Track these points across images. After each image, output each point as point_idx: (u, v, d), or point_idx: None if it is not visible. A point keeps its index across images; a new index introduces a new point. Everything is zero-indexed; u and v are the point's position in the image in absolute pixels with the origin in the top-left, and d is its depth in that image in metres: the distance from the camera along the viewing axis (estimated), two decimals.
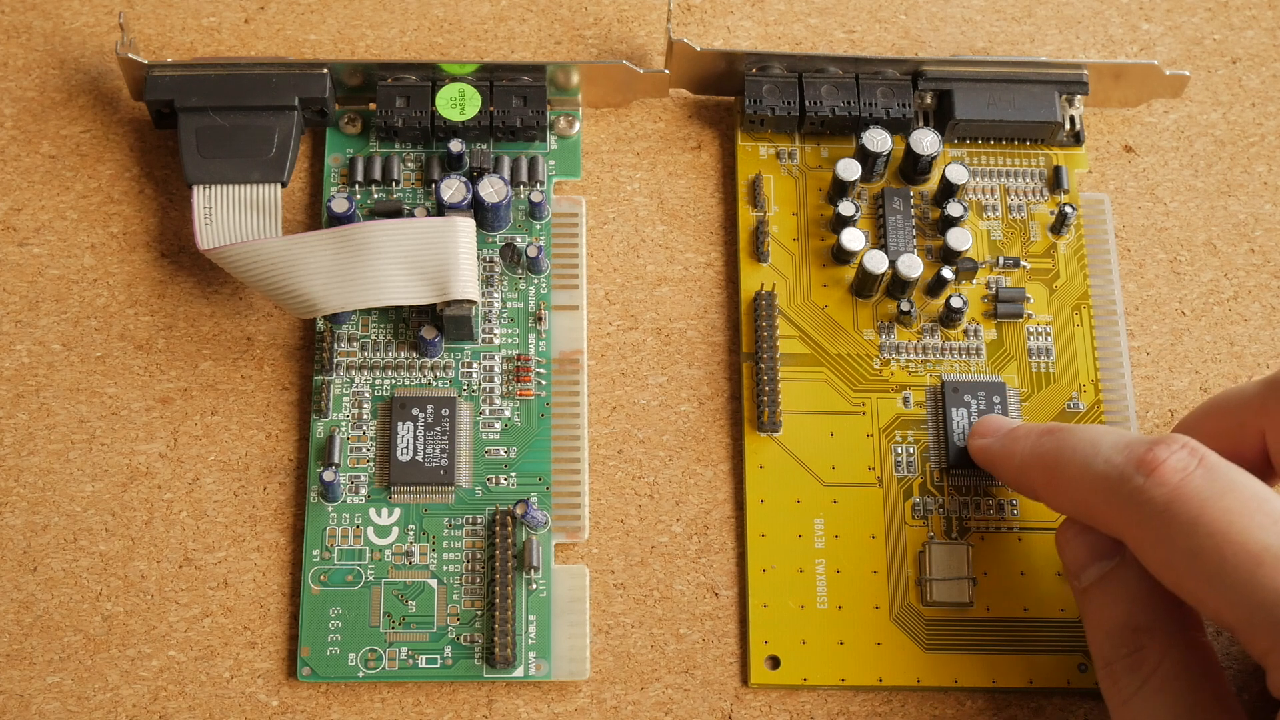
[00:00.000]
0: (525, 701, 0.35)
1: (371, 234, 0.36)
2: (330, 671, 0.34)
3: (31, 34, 0.41)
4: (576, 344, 0.38)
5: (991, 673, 0.35)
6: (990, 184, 0.40)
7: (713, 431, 0.37)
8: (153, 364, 0.38)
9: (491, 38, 0.42)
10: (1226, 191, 0.41)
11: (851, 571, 0.35)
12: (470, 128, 0.39)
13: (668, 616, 0.36)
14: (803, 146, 0.40)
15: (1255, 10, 0.43)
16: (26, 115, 0.40)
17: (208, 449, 0.37)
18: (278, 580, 0.36)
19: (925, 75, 0.39)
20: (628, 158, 0.40)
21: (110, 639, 0.35)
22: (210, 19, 0.42)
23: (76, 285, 0.38)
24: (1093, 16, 0.43)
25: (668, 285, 0.39)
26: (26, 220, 0.39)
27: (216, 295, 0.38)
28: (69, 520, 0.36)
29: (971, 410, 0.37)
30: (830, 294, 0.38)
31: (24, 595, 0.35)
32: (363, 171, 0.39)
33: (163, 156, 0.40)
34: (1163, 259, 0.40)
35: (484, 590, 0.35)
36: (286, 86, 0.38)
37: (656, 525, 0.37)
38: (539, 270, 0.38)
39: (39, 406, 0.37)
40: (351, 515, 0.36)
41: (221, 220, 0.37)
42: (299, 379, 0.38)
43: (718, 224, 0.40)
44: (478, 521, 0.36)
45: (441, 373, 0.37)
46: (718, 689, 0.35)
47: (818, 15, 0.43)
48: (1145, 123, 0.42)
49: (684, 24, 0.42)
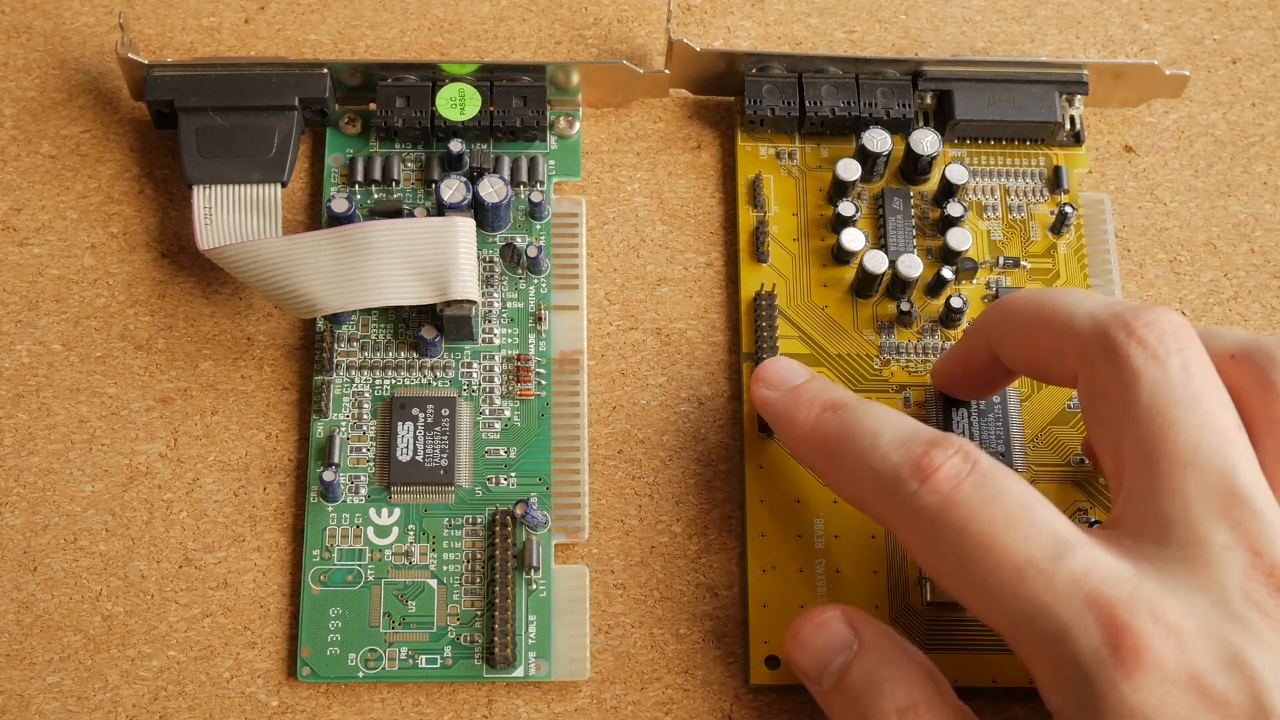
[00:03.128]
0: (525, 701, 0.35)
1: (371, 234, 0.36)
2: (330, 671, 0.34)
3: (31, 34, 0.41)
4: (576, 344, 0.38)
5: (991, 673, 0.35)
6: (990, 184, 0.40)
7: (713, 431, 0.37)
8: (153, 364, 0.38)
9: (491, 38, 0.42)
10: (1226, 191, 0.41)
11: (851, 571, 0.35)
12: (470, 128, 0.39)
13: (668, 616, 0.36)
14: (803, 146, 0.40)
15: (1255, 10, 0.43)
16: (26, 115, 0.40)
17: (208, 449, 0.37)
18: (278, 580, 0.36)
19: (925, 75, 0.39)
20: (628, 158, 0.40)
21: (110, 639, 0.35)
22: (210, 19, 0.42)
23: (76, 285, 0.38)
24: (1093, 16, 0.43)
25: (668, 285, 0.39)
26: (26, 220, 0.39)
27: (216, 295, 0.38)
28: (69, 520, 0.36)
29: (971, 410, 0.37)
30: (830, 294, 0.38)
31: (24, 595, 0.35)
32: (363, 171, 0.39)
33: (163, 156, 0.40)
34: (1163, 259, 0.40)
35: (484, 590, 0.35)
36: (286, 86, 0.38)
37: (656, 525, 0.37)
38: (539, 270, 0.38)
39: (39, 406, 0.37)
40: (351, 515, 0.36)
41: (221, 220, 0.37)
42: (299, 379, 0.38)
43: (718, 224, 0.40)
44: (478, 521, 0.36)
45: (441, 373, 0.37)
46: (718, 689, 0.35)
47: (818, 15, 0.43)
48: (1145, 123, 0.42)
49: (684, 24, 0.42)
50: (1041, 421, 0.37)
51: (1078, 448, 0.37)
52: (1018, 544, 0.28)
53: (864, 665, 0.31)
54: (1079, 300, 0.31)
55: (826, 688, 0.31)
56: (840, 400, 0.32)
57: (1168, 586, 0.27)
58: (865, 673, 0.31)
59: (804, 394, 0.33)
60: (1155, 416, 0.29)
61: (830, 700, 0.31)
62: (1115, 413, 0.30)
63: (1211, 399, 0.29)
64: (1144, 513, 0.29)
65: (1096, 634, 0.27)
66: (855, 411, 0.32)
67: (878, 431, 0.31)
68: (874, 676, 0.30)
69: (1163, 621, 0.26)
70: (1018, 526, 0.28)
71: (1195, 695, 0.26)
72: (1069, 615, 0.27)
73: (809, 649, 0.32)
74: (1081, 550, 0.28)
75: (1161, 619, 0.27)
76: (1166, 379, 0.29)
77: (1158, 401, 0.29)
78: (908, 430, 0.30)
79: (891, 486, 0.30)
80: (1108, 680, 0.26)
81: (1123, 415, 0.29)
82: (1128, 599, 0.27)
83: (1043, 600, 0.27)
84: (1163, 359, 0.29)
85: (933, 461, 0.29)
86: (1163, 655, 0.26)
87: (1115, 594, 0.27)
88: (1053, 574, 0.27)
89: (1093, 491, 0.36)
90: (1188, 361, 0.29)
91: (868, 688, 0.30)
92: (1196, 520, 0.28)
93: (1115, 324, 0.30)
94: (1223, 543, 0.27)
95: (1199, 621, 0.27)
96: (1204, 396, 0.29)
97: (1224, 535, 0.28)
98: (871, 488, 0.30)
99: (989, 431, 0.37)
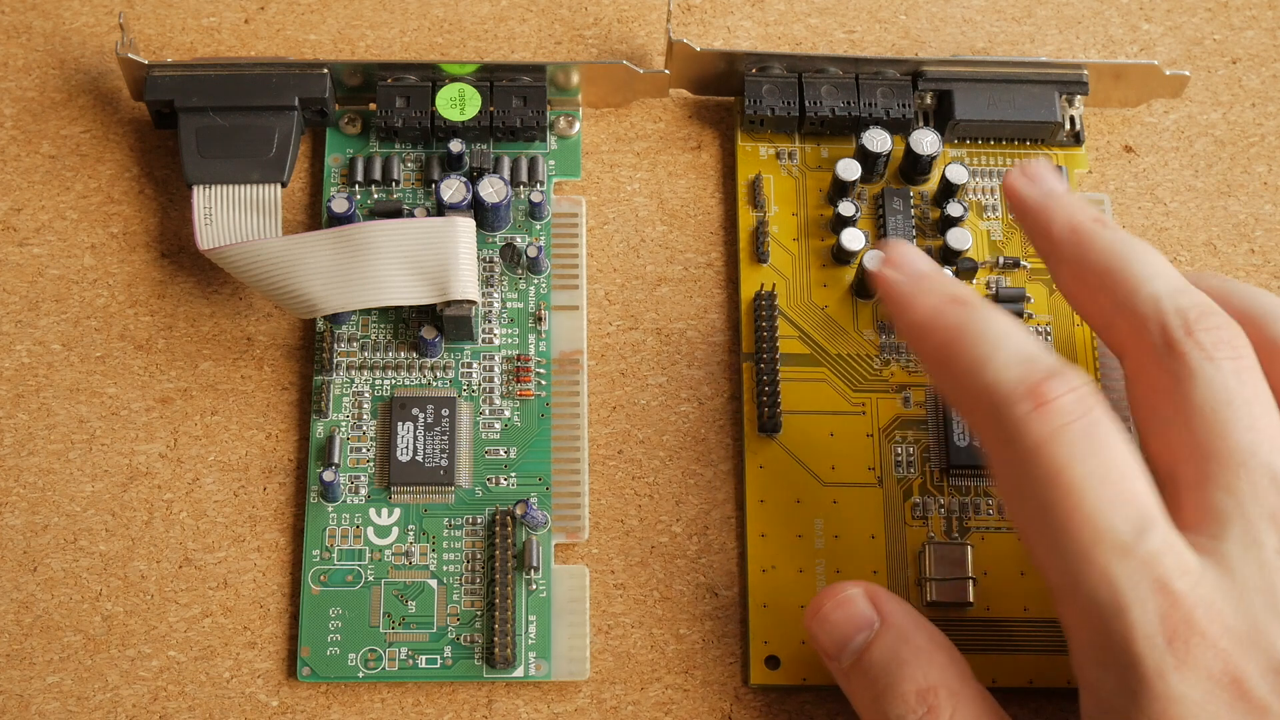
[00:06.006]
0: (525, 702, 0.35)
1: (371, 234, 0.36)
2: (330, 671, 0.34)
3: (31, 34, 0.41)
4: (576, 344, 0.38)
5: (992, 673, 0.35)
6: (990, 184, 0.40)
7: (713, 431, 0.37)
8: (153, 364, 0.38)
9: (491, 38, 0.42)
10: (1226, 192, 0.41)
11: (851, 571, 0.35)
12: (470, 128, 0.39)
13: (668, 616, 0.36)
14: (803, 146, 0.40)
15: (1255, 10, 0.43)
16: (26, 115, 0.40)
17: (208, 449, 0.37)
18: (278, 580, 0.36)
19: (925, 75, 0.39)
20: (628, 158, 0.40)
21: (110, 639, 0.35)
22: (210, 19, 0.42)
23: (76, 285, 0.38)
24: (1093, 16, 0.43)
25: (668, 285, 0.39)
26: (26, 220, 0.39)
27: (216, 295, 0.38)
28: (69, 520, 0.36)
29: None
30: (830, 294, 0.38)
31: (24, 595, 0.35)
32: (363, 171, 0.39)
33: (163, 156, 0.40)
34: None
35: (484, 590, 0.35)
36: (286, 86, 0.38)
37: (656, 525, 0.37)
38: (539, 270, 0.38)
39: (39, 406, 0.37)
40: (351, 515, 0.36)
41: (221, 220, 0.37)
42: (299, 379, 0.38)
43: (718, 224, 0.40)
44: (478, 522, 0.36)
45: (441, 373, 0.37)
46: (718, 689, 0.35)
47: (818, 15, 0.43)
48: (1145, 123, 0.42)
49: (684, 24, 0.42)
50: None
51: None
52: (1105, 507, 0.27)
53: (884, 644, 0.30)
54: (1149, 274, 0.30)
55: (846, 666, 0.31)
56: (965, 296, 0.31)
57: (1224, 585, 0.27)
58: (885, 652, 0.30)
59: (928, 281, 0.31)
60: (1209, 414, 0.29)
61: (849, 679, 0.31)
62: (1164, 402, 0.29)
63: (1264, 405, 0.29)
64: (1197, 504, 0.28)
65: (1155, 619, 0.26)
66: (981, 311, 0.30)
67: (1000, 340, 0.29)
68: (894, 656, 0.30)
69: (1218, 621, 0.27)
70: (1112, 488, 0.27)
71: (1236, 697, 0.26)
72: (1133, 594, 0.27)
73: (829, 626, 0.31)
74: (1161, 532, 0.27)
75: (1218, 618, 0.27)
76: (1221, 380, 0.29)
77: (1212, 400, 0.29)
78: (1031, 349, 0.29)
79: (1000, 403, 0.28)
80: (1156, 667, 0.26)
81: (1172, 406, 0.29)
82: (1191, 592, 0.27)
83: (1112, 572, 0.27)
84: (1218, 362, 0.29)
85: (1050, 390, 0.28)
86: (1213, 654, 0.26)
87: (1181, 585, 0.27)
88: (1129, 549, 0.27)
89: None
90: (1241, 369, 0.29)
91: (887, 667, 0.30)
92: (1251, 521, 0.28)
93: (1176, 321, 0.29)
94: (1273, 545, 0.27)
95: (1250, 625, 0.27)
96: (1256, 401, 0.29)
97: (1274, 538, 0.28)
98: (979, 397, 0.29)
99: None
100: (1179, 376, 0.29)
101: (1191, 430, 0.29)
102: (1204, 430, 0.29)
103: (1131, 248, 0.31)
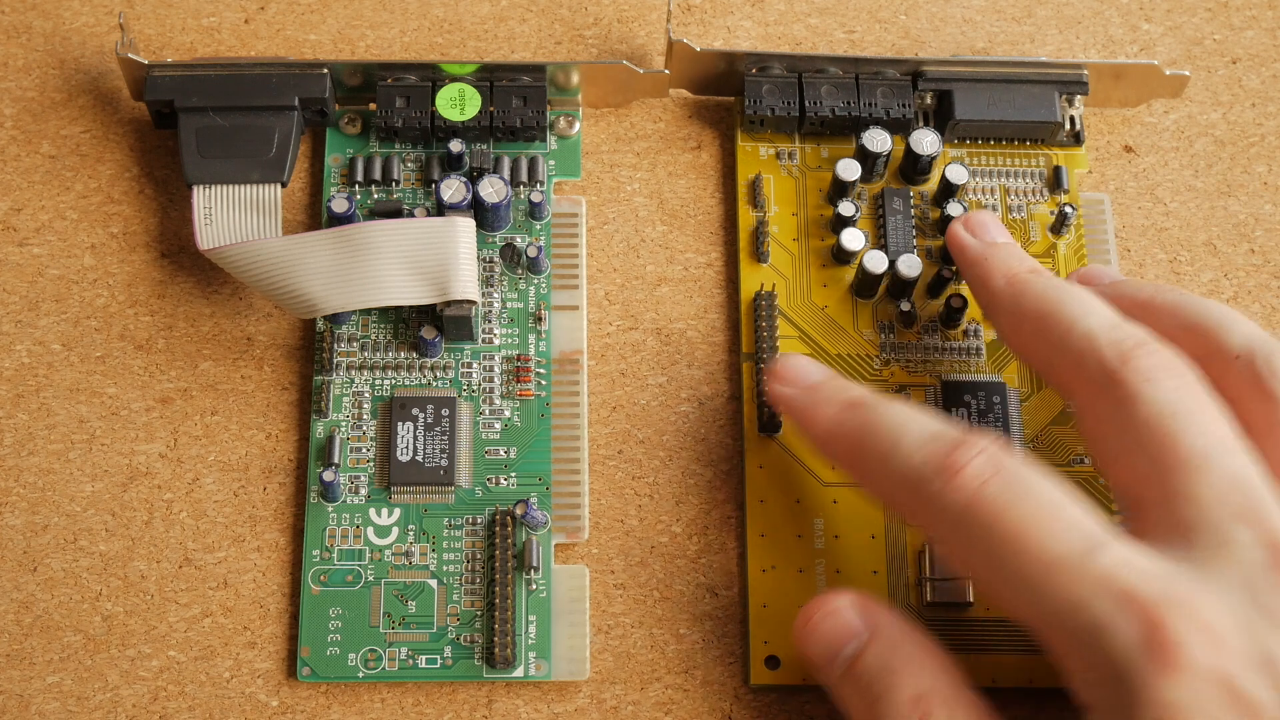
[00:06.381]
0: (525, 702, 0.35)
1: (371, 234, 0.36)
2: (330, 671, 0.34)
3: (31, 34, 0.41)
4: (576, 344, 0.38)
5: (991, 673, 0.35)
6: (990, 184, 0.40)
7: (713, 431, 0.37)
8: (153, 364, 0.38)
9: (491, 38, 0.42)
10: (1226, 191, 0.41)
11: (851, 571, 0.35)
12: (470, 128, 0.39)
13: (668, 616, 0.36)
14: (803, 146, 0.40)
15: (1255, 10, 0.43)
16: (26, 115, 0.40)
17: (208, 449, 0.37)
18: (278, 580, 0.36)
19: (925, 75, 0.39)
20: (628, 158, 0.40)
21: (110, 639, 0.35)
22: (210, 19, 0.42)
23: (76, 285, 0.38)
24: (1093, 16, 0.43)
25: (668, 285, 0.39)
26: (26, 220, 0.39)
27: (216, 295, 0.38)
28: (69, 520, 0.36)
29: (971, 410, 0.37)
30: (830, 294, 0.38)
31: (24, 595, 0.35)
32: (363, 171, 0.39)
33: (163, 156, 0.40)
34: (1163, 259, 0.40)
35: (484, 590, 0.35)
36: (286, 86, 0.38)
37: (656, 525, 0.37)
38: (539, 270, 0.38)
39: (39, 406, 0.37)
40: (351, 515, 0.36)
41: (221, 220, 0.37)
42: (299, 379, 0.38)
43: (718, 224, 0.40)
44: (478, 522, 0.36)
45: (441, 373, 0.37)
46: (718, 689, 0.35)
47: (818, 15, 0.43)
48: (1145, 123, 0.42)
49: (684, 24, 0.42)
50: (1042, 421, 0.37)
51: (1078, 448, 0.37)
52: (1047, 541, 0.28)
53: (875, 653, 0.30)
54: (1081, 313, 0.31)
55: (837, 676, 0.31)
56: (859, 399, 0.32)
57: (1200, 585, 0.27)
58: (876, 661, 0.30)
59: (823, 392, 0.33)
60: (1155, 428, 0.29)
61: (841, 689, 0.31)
62: (1114, 431, 0.30)
63: (1211, 414, 0.29)
64: (1163, 519, 0.29)
65: (1132, 631, 0.26)
66: (876, 410, 0.31)
67: (900, 429, 0.30)
68: (885, 665, 0.30)
69: (1196, 620, 0.26)
70: (1047, 523, 0.28)
71: (1227, 695, 0.26)
72: (1103, 611, 0.27)
73: (819, 636, 0.31)
74: (1113, 547, 0.28)
75: (1195, 617, 0.27)
76: (1163, 395, 0.29)
77: (1157, 414, 0.29)
78: (931, 429, 0.30)
79: (918, 484, 0.30)
80: (1143, 678, 0.26)
81: (1123, 433, 0.30)
82: (1162, 595, 0.27)
83: (1076, 596, 0.27)
84: (1157, 382, 0.30)
85: (959, 459, 0.29)
86: (1197, 654, 0.26)
87: (1149, 590, 0.27)
88: (1084, 570, 0.27)
89: (1093, 491, 0.36)
90: (1182, 386, 0.30)
91: (879, 676, 0.30)
92: (1217, 522, 0.28)
93: (1112, 353, 0.30)
94: (1245, 541, 0.28)
95: (1233, 620, 0.27)
96: (1202, 411, 0.29)
97: (1245, 534, 0.28)
98: (897, 487, 0.30)
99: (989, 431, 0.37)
100: (1121, 401, 0.30)
101: (1143, 447, 0.29)
102: (1155, 445, 0.29)
103: (1064, 291, 0.32)
